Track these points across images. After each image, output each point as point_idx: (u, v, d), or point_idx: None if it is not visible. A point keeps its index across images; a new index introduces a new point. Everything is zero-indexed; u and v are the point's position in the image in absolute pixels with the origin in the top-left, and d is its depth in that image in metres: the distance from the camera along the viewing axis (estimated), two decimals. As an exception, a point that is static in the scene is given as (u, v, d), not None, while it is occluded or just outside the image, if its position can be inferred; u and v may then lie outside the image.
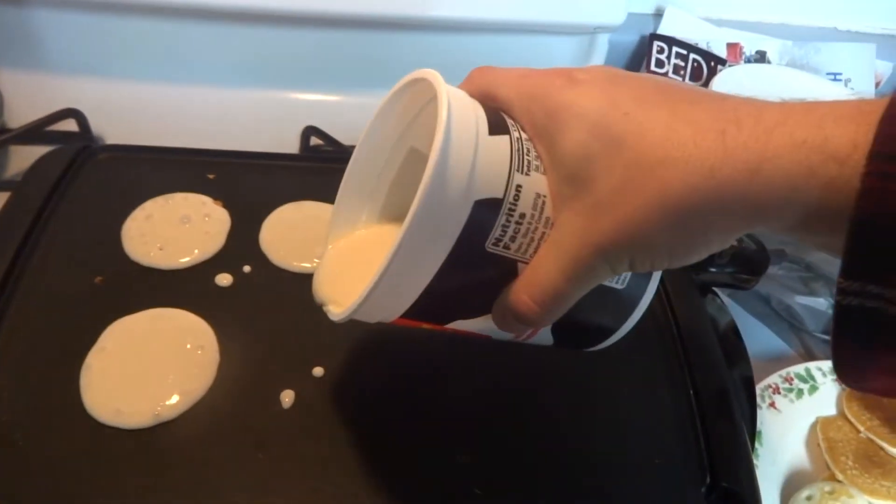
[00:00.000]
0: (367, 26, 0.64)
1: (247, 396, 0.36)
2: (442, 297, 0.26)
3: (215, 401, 0.36)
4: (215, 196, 0.47)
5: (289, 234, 0.45)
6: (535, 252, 0.25)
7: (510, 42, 0.67)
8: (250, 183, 0.49)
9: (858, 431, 0.50)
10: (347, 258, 0.32)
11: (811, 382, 0.53)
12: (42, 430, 0.34)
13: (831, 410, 0.52)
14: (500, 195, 0.24)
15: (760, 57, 0.75)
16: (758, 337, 0.58)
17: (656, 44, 0.72)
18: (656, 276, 0.30)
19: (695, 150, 0.22)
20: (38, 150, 0.50)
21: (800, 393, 0.52)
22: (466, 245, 0.24)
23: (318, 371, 0.38)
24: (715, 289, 0.50)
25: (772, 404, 0.51)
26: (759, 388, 0.51)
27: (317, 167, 0.54)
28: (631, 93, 0.24)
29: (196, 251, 0.43)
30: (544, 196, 0.25)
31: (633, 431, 0.37)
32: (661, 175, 0.22)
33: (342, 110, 0.68)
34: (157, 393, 0.35)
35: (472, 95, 0.27)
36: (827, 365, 0.54)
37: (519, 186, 0.24)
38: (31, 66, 0.66)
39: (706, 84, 0.70)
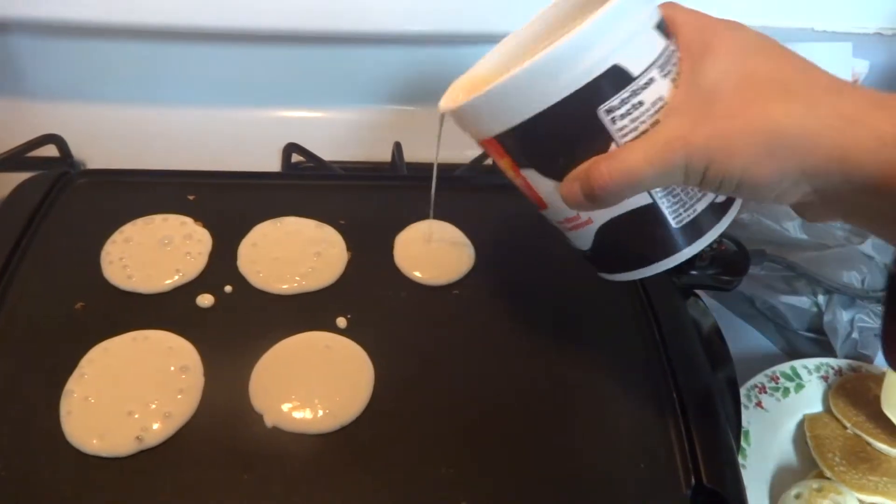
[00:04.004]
0: (346, 42, 0.65)
1: (231, 417, 0.36)
2: (537, 135, 0.30)
3: (200, 423, 0.36)
4: (196, 217, 0.47)
5: (267, 253, 0.44)
6: (631, 140, 0.29)
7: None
8: (231, 202, 0.49)
9: (845, 428, 0.50)
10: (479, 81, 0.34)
11: (797, 380, 0.53)
12: (24, 459, 0.34)
13: (818, 408, 0.52)
14: (634, 73, 0.29)
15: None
16: (743, 337, 0.58)
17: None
18: (706, 238, 0.33)
19: (807, 96, 0.26)
20: (19, 177, 0.50)
21: (786, 391, 0.52)
22: (587, 95, 0.28)
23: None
24: (697, 291, 0.50)
25: (758, 404, 0.51)
26: (745, 387, 0.52)
27: (299, 184, 0.54)
28: (775, 48, 0.29)
29: (177, 274, 0.42)
30: (665, 101, 0.29)
31: (618, 436, 0.37)
32: (772, 106, 0.26)
33: (323, 126, 0.68)
34: (140, 418, 0.35)
35: None
36: (812, 362, 0.54)
37: (651, 79, 0.29)
38: (9, 92, 0.66)
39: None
